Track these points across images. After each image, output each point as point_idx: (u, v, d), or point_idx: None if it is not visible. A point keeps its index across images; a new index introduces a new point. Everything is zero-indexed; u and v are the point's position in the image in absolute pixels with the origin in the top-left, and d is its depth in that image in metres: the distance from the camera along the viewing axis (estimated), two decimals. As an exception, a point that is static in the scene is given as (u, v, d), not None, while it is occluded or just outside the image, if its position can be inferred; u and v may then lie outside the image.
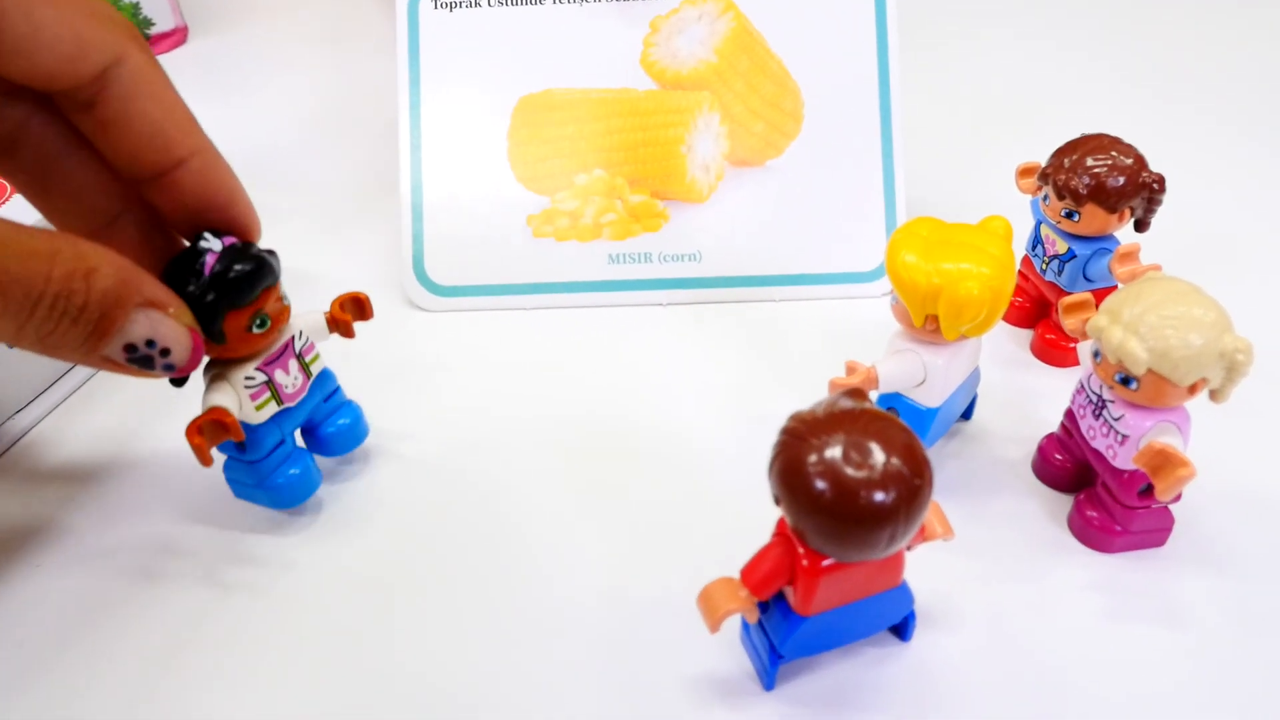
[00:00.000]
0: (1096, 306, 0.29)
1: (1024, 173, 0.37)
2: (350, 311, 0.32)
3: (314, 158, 0.53)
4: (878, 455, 0.22)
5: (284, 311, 0.28)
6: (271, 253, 0.27)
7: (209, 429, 0.28)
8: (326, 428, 0.32)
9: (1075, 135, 0.35)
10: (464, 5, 0.42)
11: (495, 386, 0.38)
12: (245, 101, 0.58)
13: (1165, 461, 0.26)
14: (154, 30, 0.63)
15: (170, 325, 0.24)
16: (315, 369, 0.31)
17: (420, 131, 0.42)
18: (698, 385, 0.37)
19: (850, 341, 0.38)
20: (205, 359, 0.28)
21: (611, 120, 0.42)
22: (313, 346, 0.31)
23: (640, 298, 0.41)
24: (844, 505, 0.22)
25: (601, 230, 0.41)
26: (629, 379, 0.38)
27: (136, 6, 0.62)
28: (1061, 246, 0.36)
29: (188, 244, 0.27)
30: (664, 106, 0.41)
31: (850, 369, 0.30)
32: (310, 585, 0.30)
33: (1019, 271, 0.39)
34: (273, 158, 0.53)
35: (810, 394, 0.30)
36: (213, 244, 0.26)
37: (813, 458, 0.22)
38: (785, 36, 0.41)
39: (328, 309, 0.32)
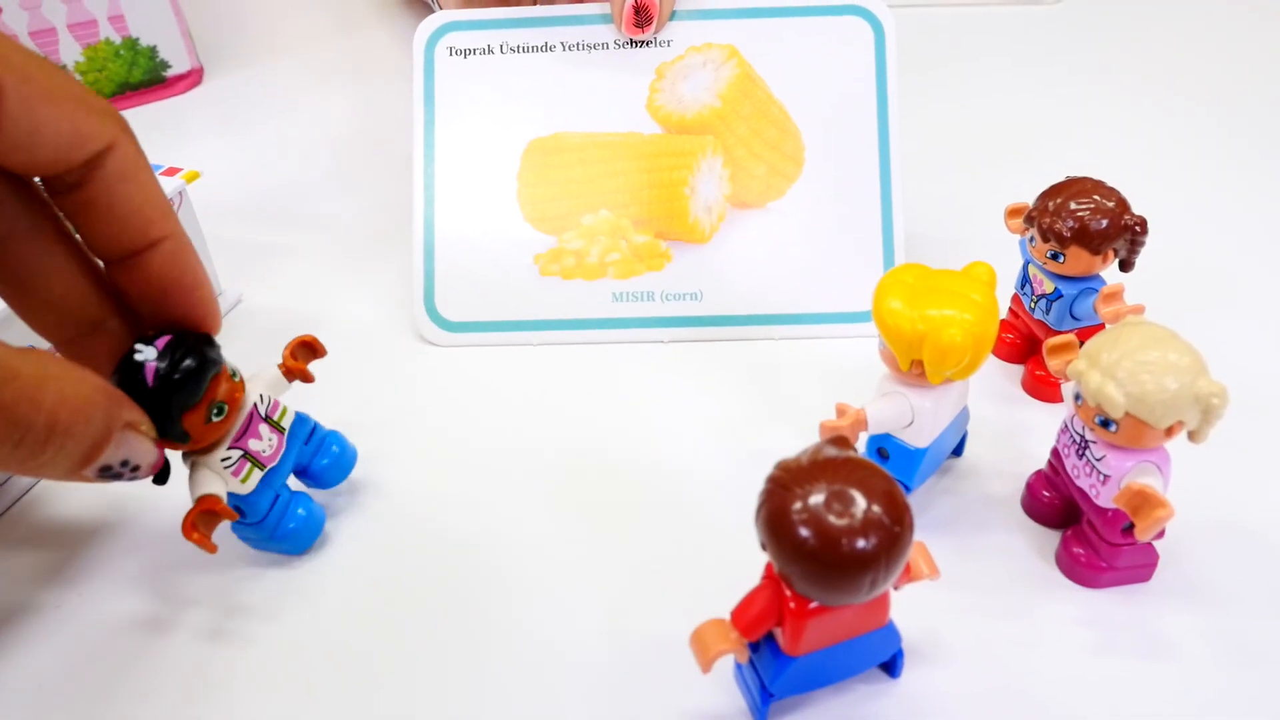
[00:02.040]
0: (1080, 347, 0.31)
1: (1012, 213, 0.38)
2: (302, 357, 0.32)
3: (331, 195, 0.55)
4: (859, 504, 0.23)
5: (237, 389, 0.29)
6: (209, 341, 0.28)
7: (201, 521, 0.29)
8: (316, 464, 0.33)
9: (1066, 175, 0.36)
10: (478, 52, 0.44)
11: (500, 421, 0.39)
12: (261, 140, 0.60)
13: (1144, 502, 0.27)
14: (170, 72, 0.65)
15: (143, 445, 0.25)
16: (287, 422, 0.32)
17: (434, 173, 0.44)
18: (697, 422, 0.38)
19: (846, 380, 0.39)
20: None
21: (617, 163, 0.43)
22: (277, 404, 0.31)
23: (643, 335, 0.42)
24: (826, 552, 0.23)
25: (606, 269, 0.43)
26: (631, 415, 0.39)
27: (154, 50, 0.63)
28: (1048, 286, 0.37)
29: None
30: (668, 150, 0.43)
31: (840, 411, 0.31)
32: (316, 622, 0.31)
33: (1009, 309, 0.41)
34: (290, 195, 0.55)
35: (806, 431, 0.32)
36: (146, 354, 0.26)
37: (797, 506, 0.23)
38: (786, 83, 0.43)
39: (280, 362, 0.32)
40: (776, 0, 0.43)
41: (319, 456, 0.34)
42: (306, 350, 0.32)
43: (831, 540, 0.23)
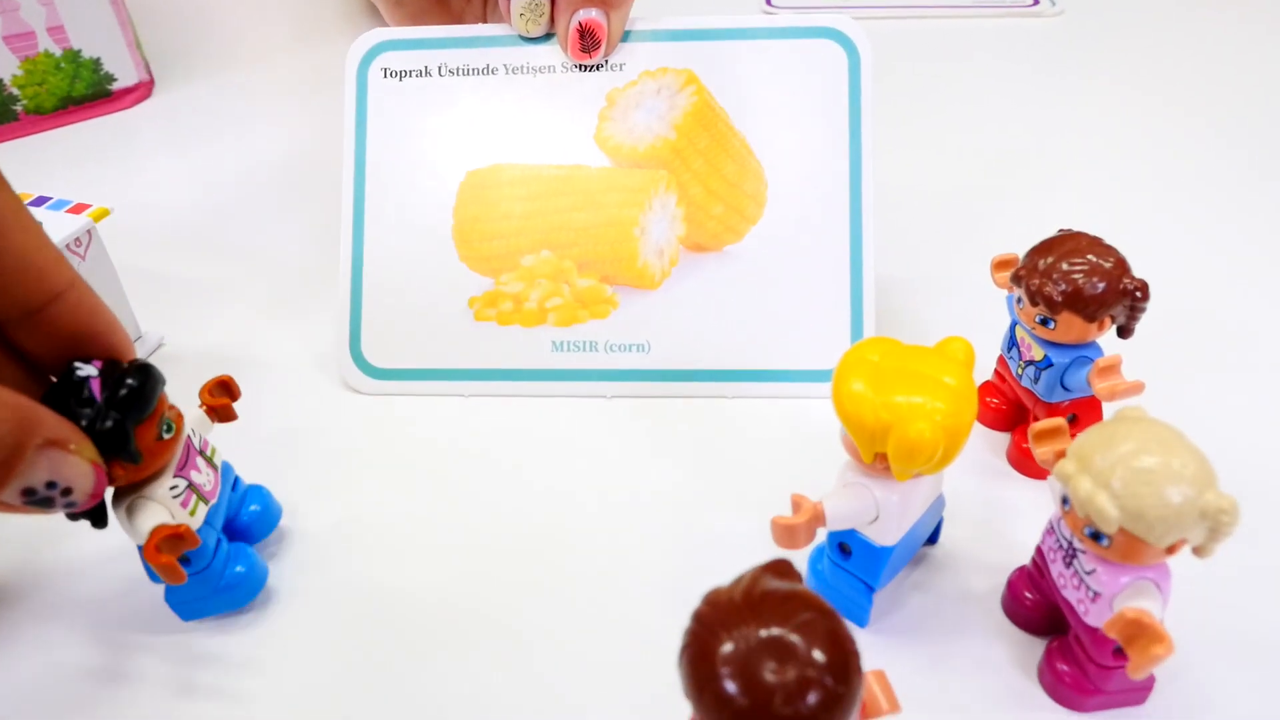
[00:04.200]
0: (1069, 435, 0.27)
1: (999, 266, 0.34)
2: (220, 395, 0.31)
3: (272, 221, 0.51)
4: (798, 654, 0.19)
5: (178, 412, 0.28)
6: (145, 361, 0.26)
7: (166, 545, 0.27)
8: (241, 518, 0.32)
9: (1059, 228, 0.33)
10: (414, 74, 0.40)
11: (427, 479, 0.36)
12: (207, 160, 0.56)
13: (1140, 633, 0.23)
14: (116, 85, 0.62)
15: (72, 463, 0.23)
16: (218, 461, 0.31)
17: (363, 206, 0.40)
18: (640, 489, 0.35)
19: (808, 446, 0.35)
20: (110, 490, 0.26)
21: (561, 199, 0.39)
22: (207, 442, 0.30)
23: (584, 388, 0.38)
24: (755, 712, 0.19)
25: (546, 315, 0.39)
26: (567, 477, 0.35)
27: (98, 62, 0.60)
28: (1038, 353, 0.33)
29: (54, 379, 0.25)
30: (617, 185, 0.39)
31: (795, 505, 0.27)
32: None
33: (995, 370, 0.37)
34: (228, 223, 0.51)
35: (759, 505, 0.29)
36: (88, 370, 0.25)
37: (725, 650, 0.19)
38: (749, 113, 0.39)
39: (199, 403, 0.31)
40: (740, 21, 0.39)
41: (244, 507, 0.32)
42: (222, 389, 0.31)
43: (761, 698, 0.18)
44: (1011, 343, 0.34)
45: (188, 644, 0.30)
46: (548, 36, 0.39)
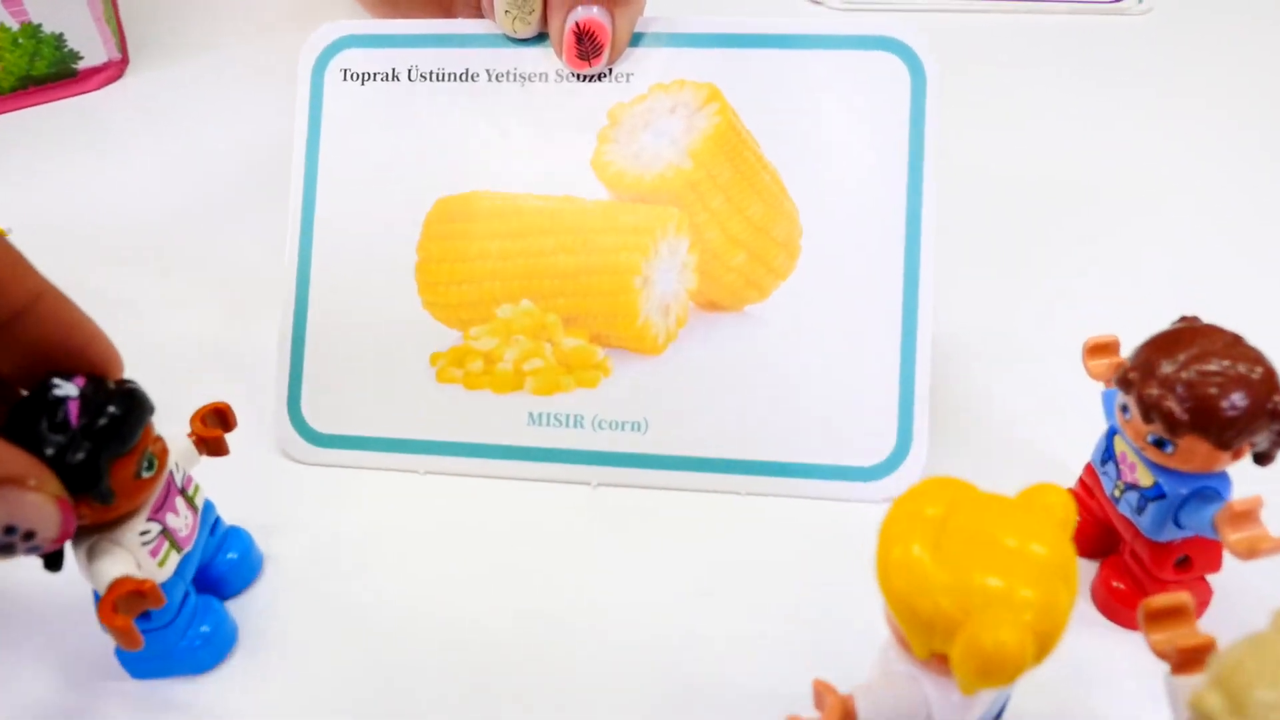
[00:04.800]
0: (1186, 585, 0.19)
1: (1094, 351, 0.27)
2: (214, 424, 0.28)
3: (231, 228, 0.44)
4: None
5: (163, 446, 0.25)
6: (133, 384, 0.23)
7: (125, 603, 0.23)
8: (217, 566, 0.28)
9: (1180, 316, 0.25)
10: (379, 77, 0.34)
11: (369, 576, 0.30)
12: (181, 153, 0.50)
13: None
14: (83, 64, 0.56)
15: (32, 502, 0.21)
16: (199, 501, 0.28)
17: (312, 234, 0.34)
18: (626, 603, 0.28)
19: (841, 563, 0.28)
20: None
21: (547, 238, 0.32)
22: (190, 479, 0.27)
23: (564, 472, 0.32)
24: None
25: (523, 380, 0.32)
26: (538, 582, 0.29)
27: (60, 38, 0.55)
28: (1145, 477, 0.25)
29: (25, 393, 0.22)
30: (616, 224, 0.32)
31: (818, 696, 0.20)
32: None
33: (1080, 479, 0.29)
34: (180, 229, 0.45)
35: (777, 633, 0.25)
36: (68, 389, 0.22)
37: None
38: (785, 141, 0.31)
39: (189, 430, 0.27)
40: (777, 25, 0.32)
41: (221, 553, 0.29)
42: (218, 418, 0.28)
43: None
44: (1108, 454, 0.27)
45: (151, 687, 0.27)
46: (541, 38, 0.32)
